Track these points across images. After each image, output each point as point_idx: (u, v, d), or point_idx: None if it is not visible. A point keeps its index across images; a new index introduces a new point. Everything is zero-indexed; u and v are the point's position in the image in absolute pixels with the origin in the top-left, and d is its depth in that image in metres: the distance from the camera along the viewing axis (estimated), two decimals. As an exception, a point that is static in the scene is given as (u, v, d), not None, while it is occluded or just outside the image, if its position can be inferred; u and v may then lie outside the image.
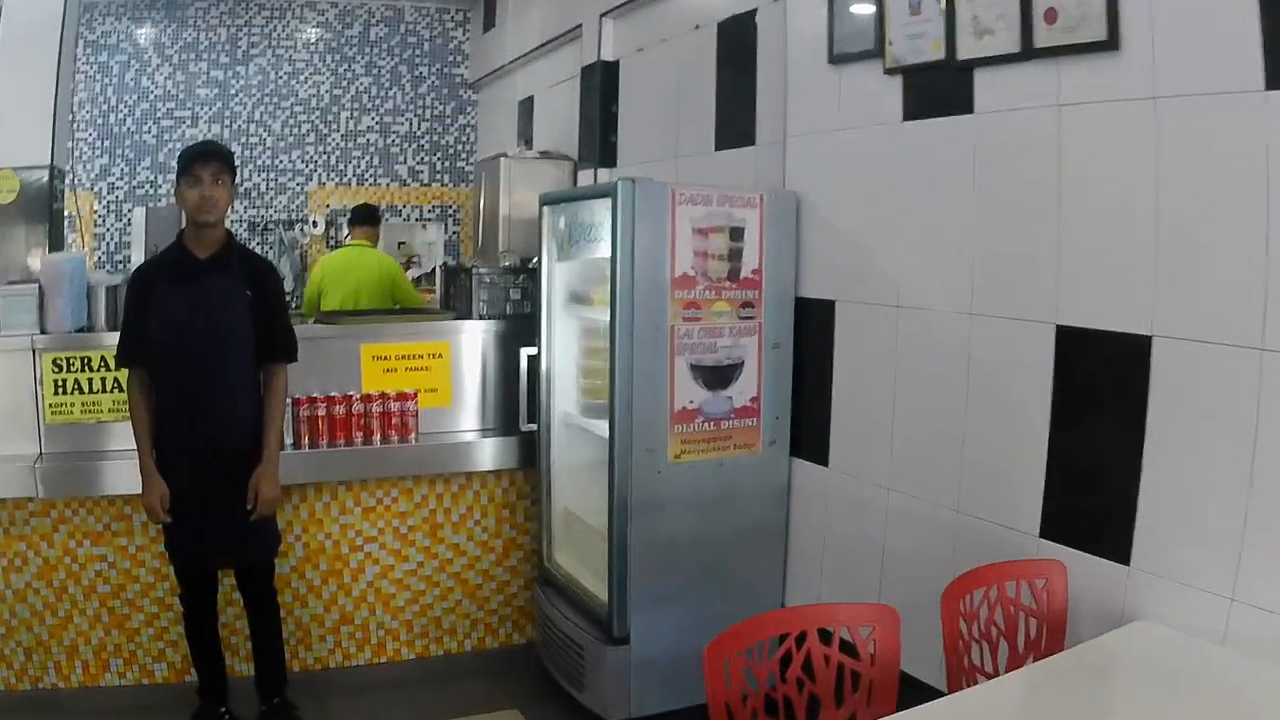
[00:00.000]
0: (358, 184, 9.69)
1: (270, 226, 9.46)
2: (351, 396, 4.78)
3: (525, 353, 4.96)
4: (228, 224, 4.21)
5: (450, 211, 9.94)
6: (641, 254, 4.05)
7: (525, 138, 8.07)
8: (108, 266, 8.69)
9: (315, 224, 9.58)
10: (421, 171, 9.88)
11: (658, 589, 4.24)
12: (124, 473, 4.30)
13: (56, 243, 5.07)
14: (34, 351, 4.52)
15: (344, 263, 7.58)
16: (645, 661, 4.22)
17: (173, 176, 4.10)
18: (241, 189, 9.33)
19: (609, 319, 4.13)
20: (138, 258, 8.39)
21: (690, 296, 4.14)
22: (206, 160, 3.97)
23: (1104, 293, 3.09)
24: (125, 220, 9.07)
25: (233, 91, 9.36)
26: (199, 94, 9.26)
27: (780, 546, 4.51)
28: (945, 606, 2.87)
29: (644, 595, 4.22)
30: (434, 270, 8.38)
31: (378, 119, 9.72)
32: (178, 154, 4.07)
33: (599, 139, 6.37)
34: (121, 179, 9.08)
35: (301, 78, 9.52)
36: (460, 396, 5.13)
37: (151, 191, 8.96)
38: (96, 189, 9.05)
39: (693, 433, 4.21)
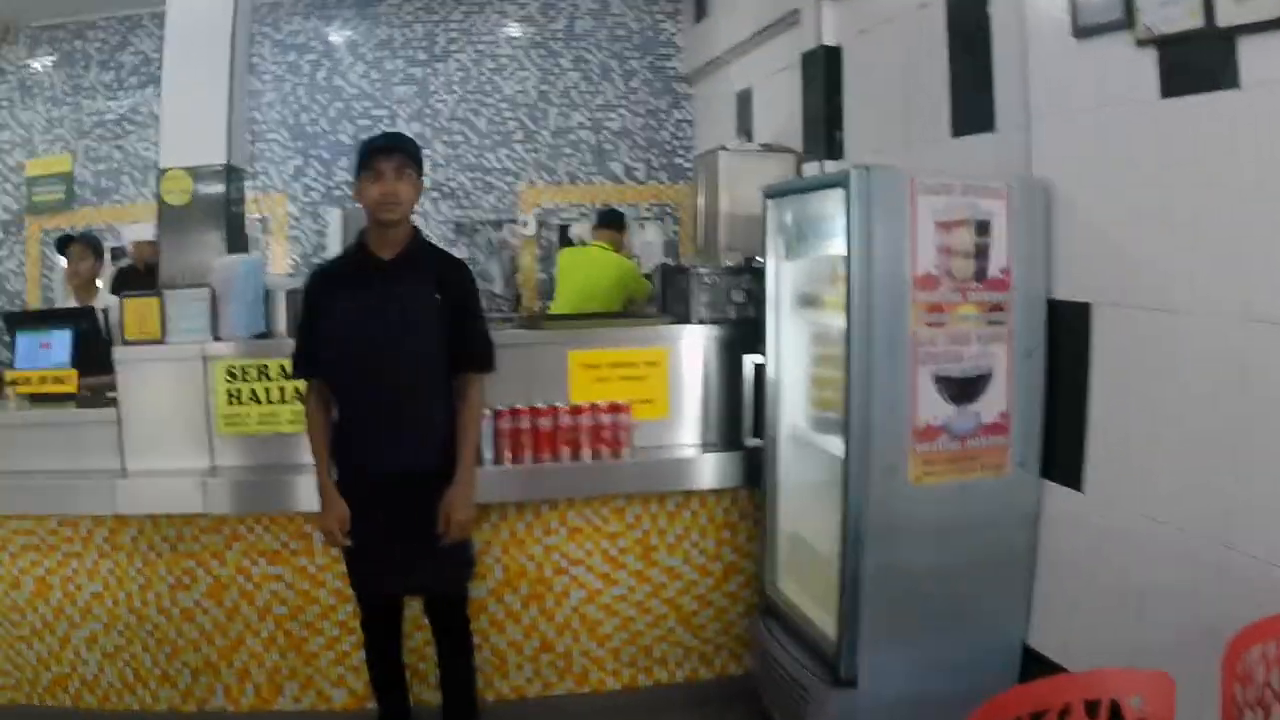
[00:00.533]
0: (570, 182, 9.83)
1: (478, 227, 9.64)
2: (558, 408, 4.74)
3: (751, 361, 4.81)
4: (418, 222, 4.14)
5: (669, 210, 9.99)
6: (879, 251, 3.87)
7: (745, 131, 8.05)
8: (303, 271, 8.91)
9: (525, 224, 9.73)
10: (637, 169, 9.97)
11: (891, 625, 4.04)
12: (305, 488, 4.32)
13: (236, 245, 5.13)
14: (204, 359, 4.61)
15: (573, 262, 7.72)
16: (874, 706, 4.03)
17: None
18: (446, 188, 9.58)
19: (843, 324, 3.97)
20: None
21: (933, 299, 3.94)
22: (389, 153, 3.87)
23: None
24: (321, 223, 9.36)
25: (432, 89, 9.62)
26: (396, 92, 9.55)
27: (1026, 580, 4.26)
28: (1226, 668, 2.64)
29: (875, 632, 4.03)
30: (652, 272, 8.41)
31: (588, 115, 9.86)
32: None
33: (823, 129, 6.27)
34: (316, 180, 9.39)
35: (505, 73, 9.73)
36: (678, 408, 5.04)
37: (348, 193, 9.16)
38: (290, 191, 9.36)
39: (936, 452, 4.01)
